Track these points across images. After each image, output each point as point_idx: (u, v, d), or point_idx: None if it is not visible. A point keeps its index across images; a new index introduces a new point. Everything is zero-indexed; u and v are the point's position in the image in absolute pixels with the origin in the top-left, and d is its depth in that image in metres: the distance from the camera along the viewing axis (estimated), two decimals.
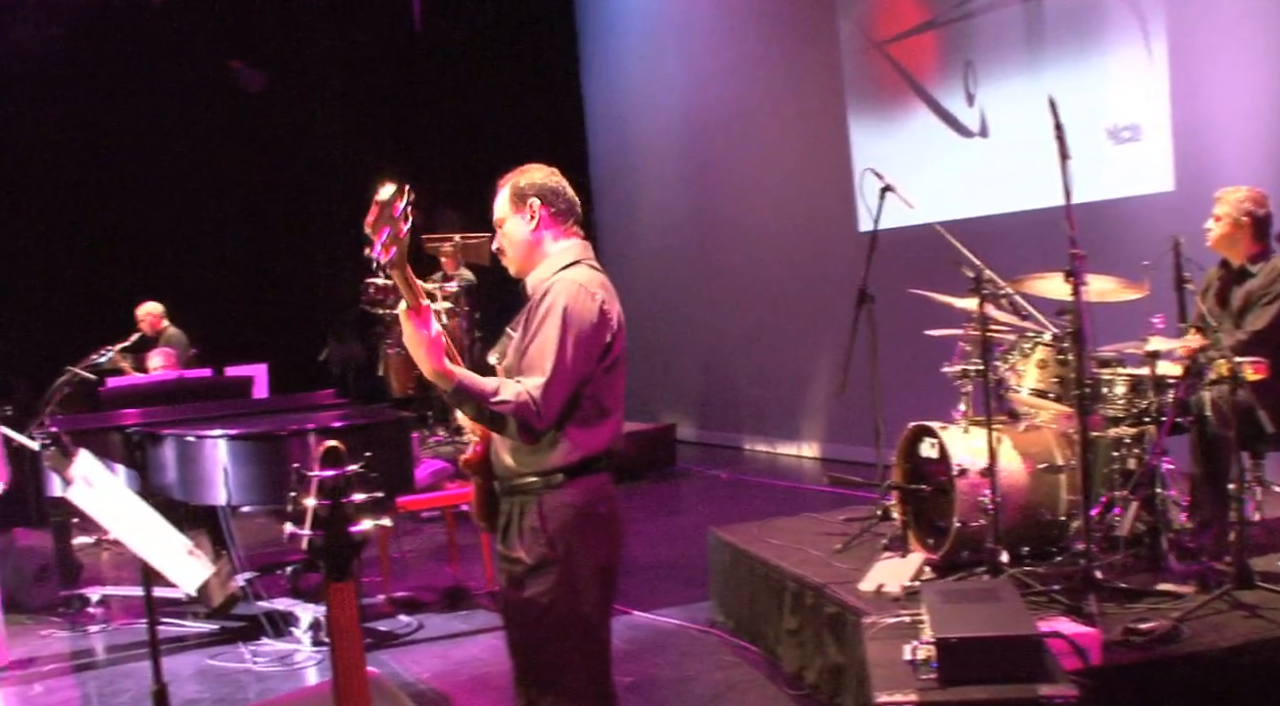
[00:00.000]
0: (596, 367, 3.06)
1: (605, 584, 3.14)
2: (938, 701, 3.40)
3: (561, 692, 3.07)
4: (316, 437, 6.04)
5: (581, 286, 3.08)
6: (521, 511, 3.07)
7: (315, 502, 2.22)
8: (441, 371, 2.94)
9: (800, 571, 5.27)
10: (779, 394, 11.52)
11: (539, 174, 3.27)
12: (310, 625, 6.22)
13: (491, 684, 5.56)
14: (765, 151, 11.54)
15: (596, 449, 3.08)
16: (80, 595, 7.26)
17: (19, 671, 6.25)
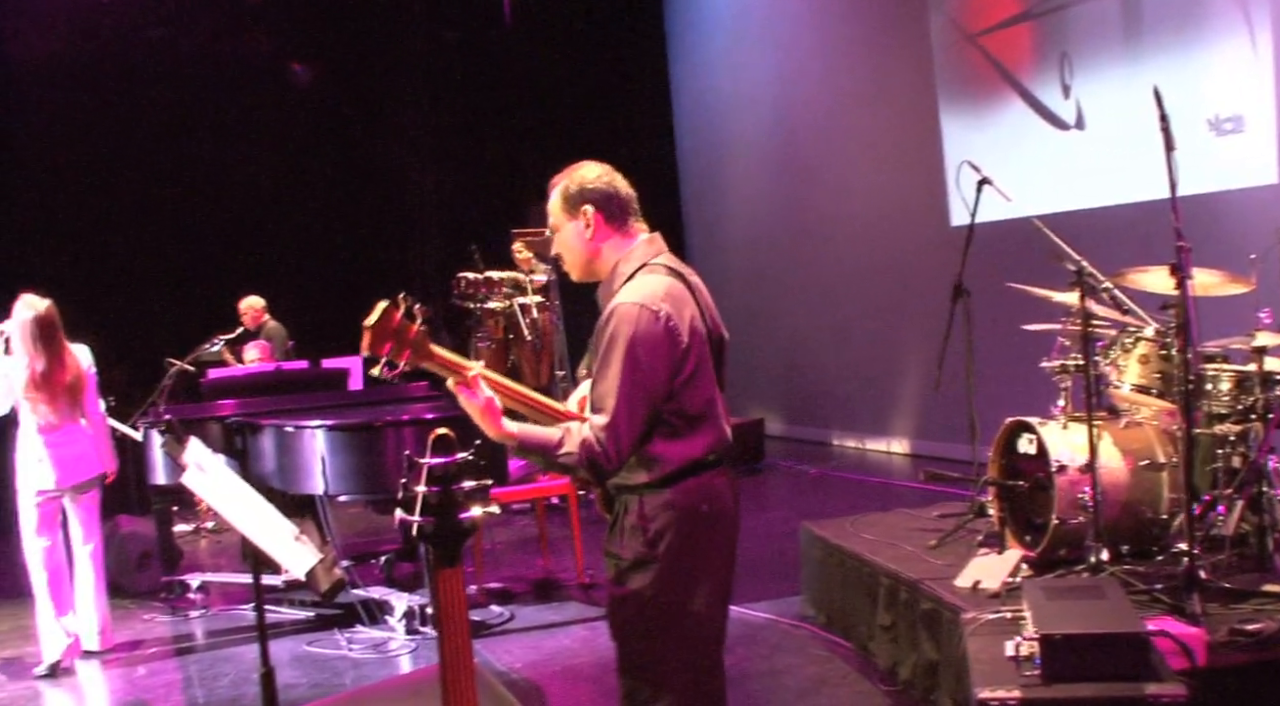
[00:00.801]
0: (673, 384, 2.99)
1: (713, 580, 3.10)
2: (1041, 698, 3.36)
3: (660, 685, 3.06)
4: (412, 429, 6.12)
5: (643, 308, 2.97)
6: (625, 508, 3.07)
7: (426, 489, 2.23)
8: (504, 435, 2.94)
9: (894, 567, 5.23)
10: (868, 389, 11.44)
11: (590, 173, 3.17)
12: (404, 613, 6.30)
13: (583, 674, 5.60)
14: (855, 146, 11.46)
15: (692, 457, 3.02)
16: (181, 581, 7.43)
17: (123, 654, 6.41)
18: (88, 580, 6.34)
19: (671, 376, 2.97)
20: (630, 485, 3.03)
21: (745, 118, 13.40)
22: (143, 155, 12.98)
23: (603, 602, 6.62)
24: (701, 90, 14.30)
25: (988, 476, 5.46)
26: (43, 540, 6.16)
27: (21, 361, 6.12)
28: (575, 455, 2.90)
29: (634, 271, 3.09)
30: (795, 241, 12.45)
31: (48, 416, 6.14)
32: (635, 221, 3.18)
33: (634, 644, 3.09)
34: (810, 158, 12.18)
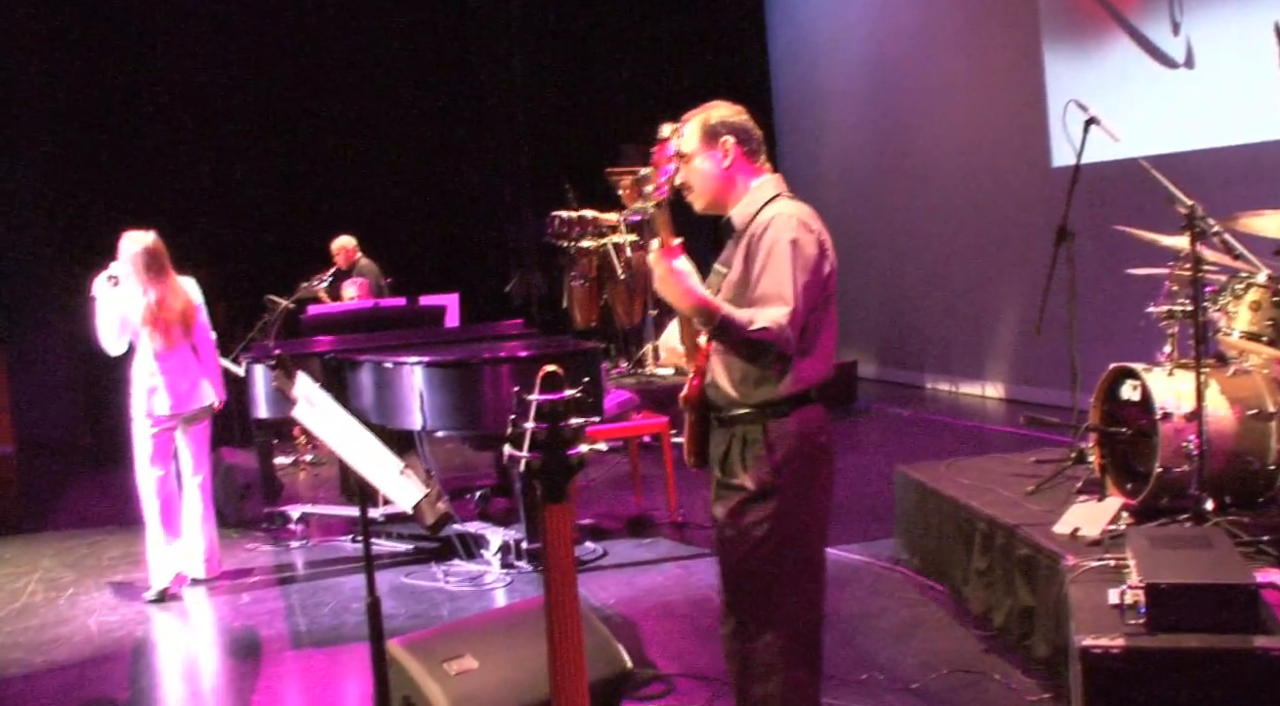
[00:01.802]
0: (818, 298, 3.06)
1: (822, 513, 3.17)
2: (1146, 648, 3.31)
3: (769, 619, 3.09)
4: (509, 366, 6.17)
5: (800, 220, 3.07)
6: (744, 440, 3.09)
7: (534, 426, 2.26)
8: (702, 304, 2.98)
9: (991, 512, 5.19)
10: (963, 332, 11.31)
11: (728, 111, 3.24)
12: (499, 548, 6.39)
13: (676, 612, 5.65)
14: (953, 85, 11.25)
15: (817, 379, 3.11)
16: (282, 512, 7.60)
17: (228, 582, 6.59)
18: (196, 510, 6.51)
19: (819, 289, 3.05)
20: (756, 408, 3.06)
21: (841, 57, 13.21)
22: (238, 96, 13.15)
23: (695, 541, 6.73)
24: (797, 29, 14.09)
25: (1089, 422, 5.37)
26: (156, 469, 6.33)
27: (135, 292, 6.26)
28: (770, 331, 2.94)
29: (771, 198, 3.17)
30: (891, 182, 12.29)
31: (162, 345, 6.29)
32: (764, 160, 3.28)
33: (748, 575, 3.12)
34: (907, 97, 11.98)
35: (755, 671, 3.15)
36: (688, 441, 3.33)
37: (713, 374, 3.19)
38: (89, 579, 6.91)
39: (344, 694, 5.00)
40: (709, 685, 4.64)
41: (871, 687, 4.52)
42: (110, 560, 7.29)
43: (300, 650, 5.44)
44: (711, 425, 3.26)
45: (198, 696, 5.14)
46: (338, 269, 10.38)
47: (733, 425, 3.14)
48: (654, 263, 3.00)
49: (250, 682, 5.08)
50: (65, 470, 11.04)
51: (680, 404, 3.32)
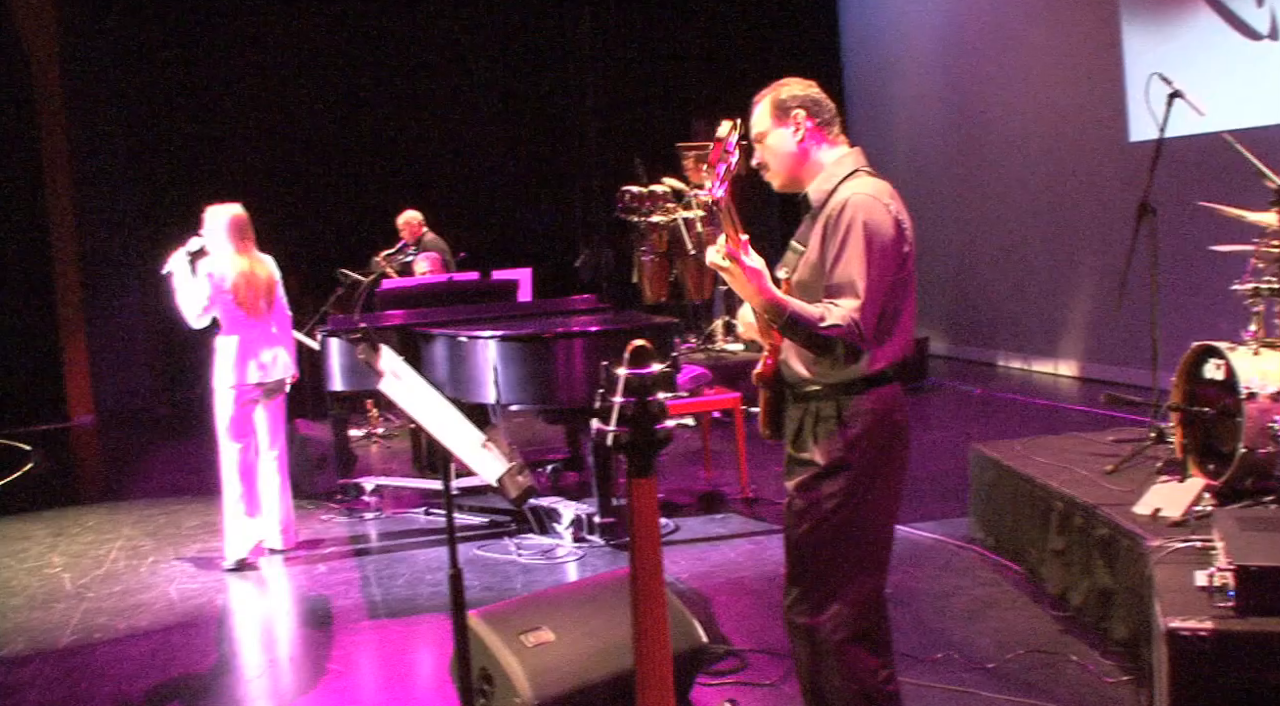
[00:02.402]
0: (896, 279, 3.02)
1: (893, 492, 3.13)
2: (1235, 631, 3.26)
3: (832, 594, 3.08)
4: (581, 341, 6.19)
5: (876, 199, 3.02)
6: (818, 415, 3.07)
7: (622, 400, 2.25)
8: (774, 301, 2.94)
9: (1070, 491, 5.13)
10: (1036, 309, 11.18)
11: (798, 86, 3.21)
12: (571, 522, 6.42)
13: (747, 587, 5.65)
14: (1028, 58, 11.08)
15: (894, 358, 3.07)
16: (356, 484, 7.69)
17: (304, 552, 6.68)
18: (273, 481, 6.60)
19: (897, 270, 3.00)
20: (831, 384, 3.04)
21: (914, 29, 13.06)
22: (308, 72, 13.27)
23: (766, 517, 6.73)
24: (868, 4, 13.95)
25: (1171, 402, 5.28)
26: (238, 441, 6.41)
27: (224, 261, 6.33)
28: (840, 328, 2.91)
29: (848, 175, 3.12)
30: (963, 158, 12.16)
31: (247, 317, 6.36)
32: (840, 133, 3.22)
33: (813, 549, 3.11)
34: (979, 71, 11.83)
35: (815, 645, 3.14)
36: (762, 414, 3.32)
37: (787, 353, 3.17)
38: (168, 547, 7.03)
39: (420, 663, 5.06)
40: (782, 661, 4.63)
41: (947, 666, 4.50)
42: (189, 529, 7.41)
43: (376, 620, 5.51)
44: (786, 399, 3.24)
45: (277, 664, 5.21)
46: (404, 243, 10.45)
47: (807, 400, 3.12)
48: (722, 258, 2.96)
49: (327, 651, 5.16)
50: (143, 440, 11.24)
51: (754, 380, 3.30)
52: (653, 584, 2.45)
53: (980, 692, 4.24)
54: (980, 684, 4.32)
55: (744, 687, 4.45)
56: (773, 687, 4.43)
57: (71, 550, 7.11)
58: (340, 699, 4.69)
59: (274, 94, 13.21)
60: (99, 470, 10.62)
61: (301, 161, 13.31)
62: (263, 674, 5.14)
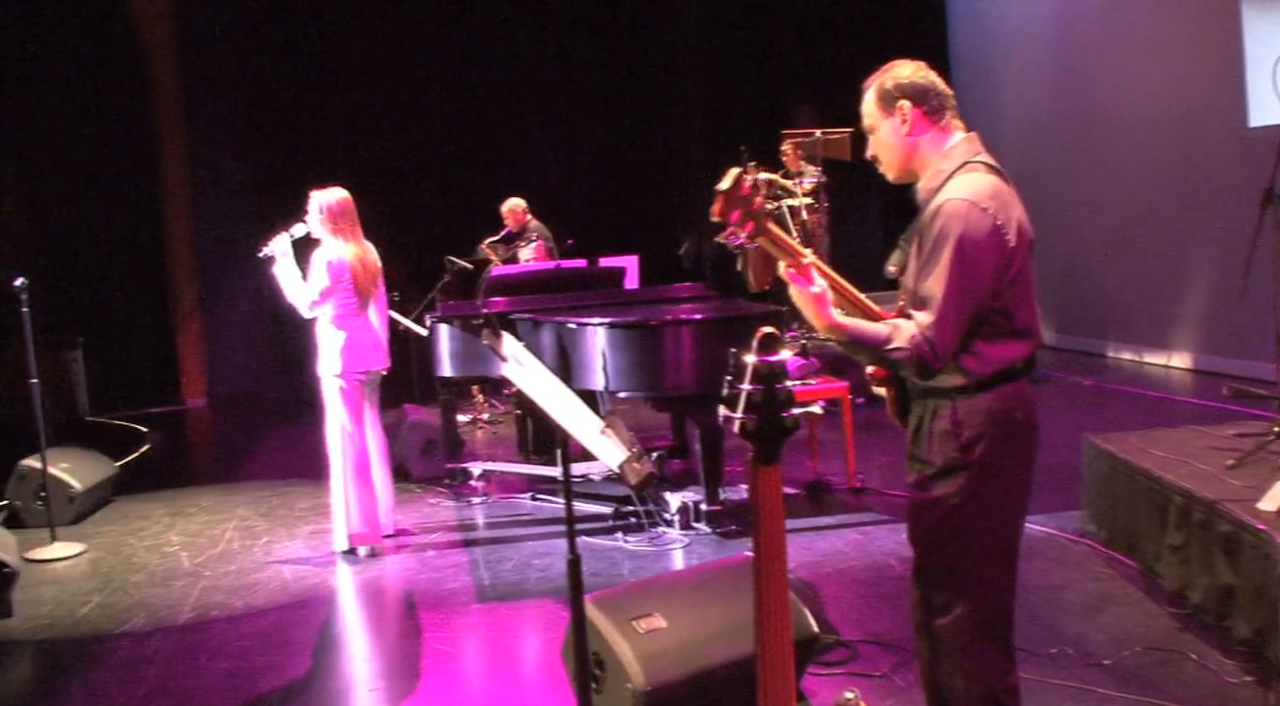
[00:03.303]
0: (999, 284, 2.92)
1: (1019, 491, 3.05)
2: None
3: (957, 594, 3.02)
4: (690, 328, 6.19)
5: (972, 205, 2.89)
6: (934, 413, 3.01)
7: (750, 387, 2.25)
8: (833, 326, 2.88)
9: (1189, 485, 5.01)
10: (1148, 299, 10.93)
11: (905, 71, 3.09)
12: (678, 509, 6.42)
13: (856, 577, 5.61)
14: (1141, 38, 10.82)
15: (1011, 360, 2.96)
16: (463, 469, 7.77)
17: (413, 536, 6.76)
18: (378, 465, 6.67)
19: (998, 276, 2.90)
20: (944, 388, 2.97)
21: (1022, 9, 12.83)
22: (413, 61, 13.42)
23: (873, 507, 6.68)
24: None
25: None
26: (347, 425, 6.44)
27: (340, 248, 6.33)
28: (905, 351, 2.85)
29: (955, 169, 3.01)
30: (1073, 142, 11.92)
31: (359, 303, 6.39)
32: (953, 118, 3.09)
33: (934, 551, 3.06)
34: (1090, 54, 11.58)
35: (942, 645, 3.09)
36: (890, 405, 3.27)
37: None
38: (281, 528, 7.18)
39: (530, 647, 5.12)
40: (892, 652, 4.61)
41: (1062, 662, 4.43)
42: (300, 511, 7.56)
43: (485, 603, 5.57)
44: (910, 392, 3.19)
45: (390, 645, 5.30)
46: (508, 231, 10.53)
47: (924, 397, 3.06)
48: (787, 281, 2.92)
49: (438, 633, 5.22)
50: (253, 423, 11.49)
51: (868, 379, 3.26)
52: (775, 571, 2.45)
53: (1097, 689, 4.17)
54: (1097, 681, 4.25)
55: (854, 678, 4.41)
56: (883, 679, 4.40)
57: (188, 529, 7.29)
58: (451, 680, 4.76)
59: (383, 83, 13.38)
60: (212, 452, 10.88)
61: (409, 149, 13.47)
62: (374, 654, 5.23)
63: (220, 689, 4.76)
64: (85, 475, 7.68)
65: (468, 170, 13.40)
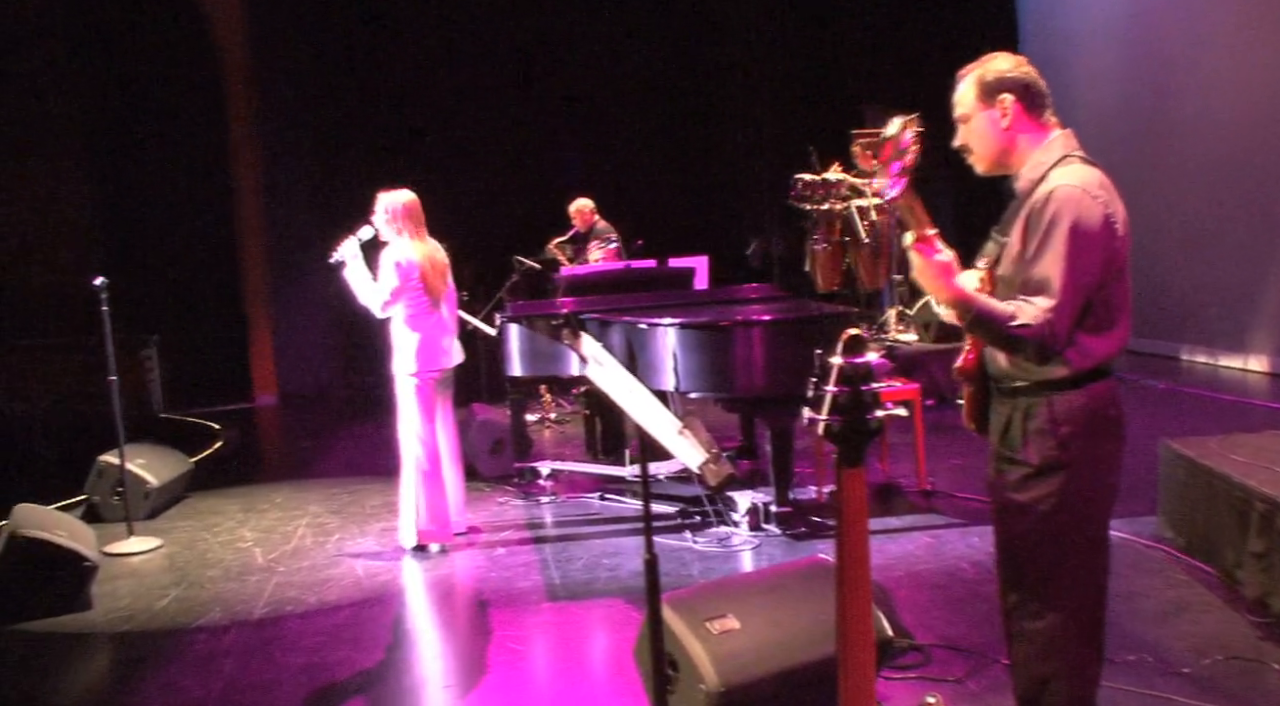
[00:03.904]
0: (1108, 274, 2.92)
1: (1110, 493, 3.03)
2: None
3: (1050, 600, 2.99)
4: (760, 329, 6.17)
5: (1084, 192, 2.90)
6: (1027, 413, 2.97)
7: (835, 389, 2.24)
8: (960, 298, 2.87)
9: (1271, 491, 4.92)
10: (1225, 302, 10.75)
11: (1005, 64, 3.06)
12: (747, 510, 6.41)
13: (928, 581, 5.57)
14: (1216, 31, 10.64)
15: (1109, 354, 2.95)
16: (532, 468, 7.81)
17: (483, 534, 6.80)
18: (450, 463, 6.72)
19: (1106, 265, 2.91)
20: (1038, 384, 2.95)
21: (1094, 9, 12.66)
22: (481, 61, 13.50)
23: (944, 510, 6.63)
24: None
25: None
26: (420, 424, 6.49)
27: (408, 248, 6.38)
28: (1031, 328, 2.82)
29: (1056, 161, 3.00)
30: (1146, 142, 11.75)
31: (430, 302, 6.43)
32: (1051, 115, 3.09)
33: (1032, 552, 3.02)
34: (1166, 46, 11.41)
35: (1037, 650, 3.05)
36: (967, 408, 3.24)
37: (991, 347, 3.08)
38: (352, 525, 7.25)
39: (602, 646, 5.13)
40: (966, 657, 4.57)
41: (1140, 669, 4.37)
42: (371, 508, 7.62)
43: (556, 602, 5.59)
44: (992, 393, 3.16)
45: (461, 642, 5.34)
46: (576, 231, 10.55)
47: (1014, 396, 3.02)
48: (910, 254, 2.90)
49: (510, 631, 5.25)
50: (323, 421, 11.62)
51: (955, 375, 3.23)
52: (859, 573, 2.43)
53: (1177, 698, 4.10)
54: (1177, 689, 4.18)
55: (928, 683, 4.38)
56: (957, 684, 4.36)
57: (261, 525, 7.38)
58: (522, 678, 4.78)
59: (451, 82, 13.49)
60: (283, 449, 11.01)
61: (477, 148, 13.56)
62: (446, 651, 5.26)
63: (295, 683, 4.81)
64: (161, 471, 7.80)
65: (535, 170, 13.46)
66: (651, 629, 3.25)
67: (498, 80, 13.69)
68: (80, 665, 5.34)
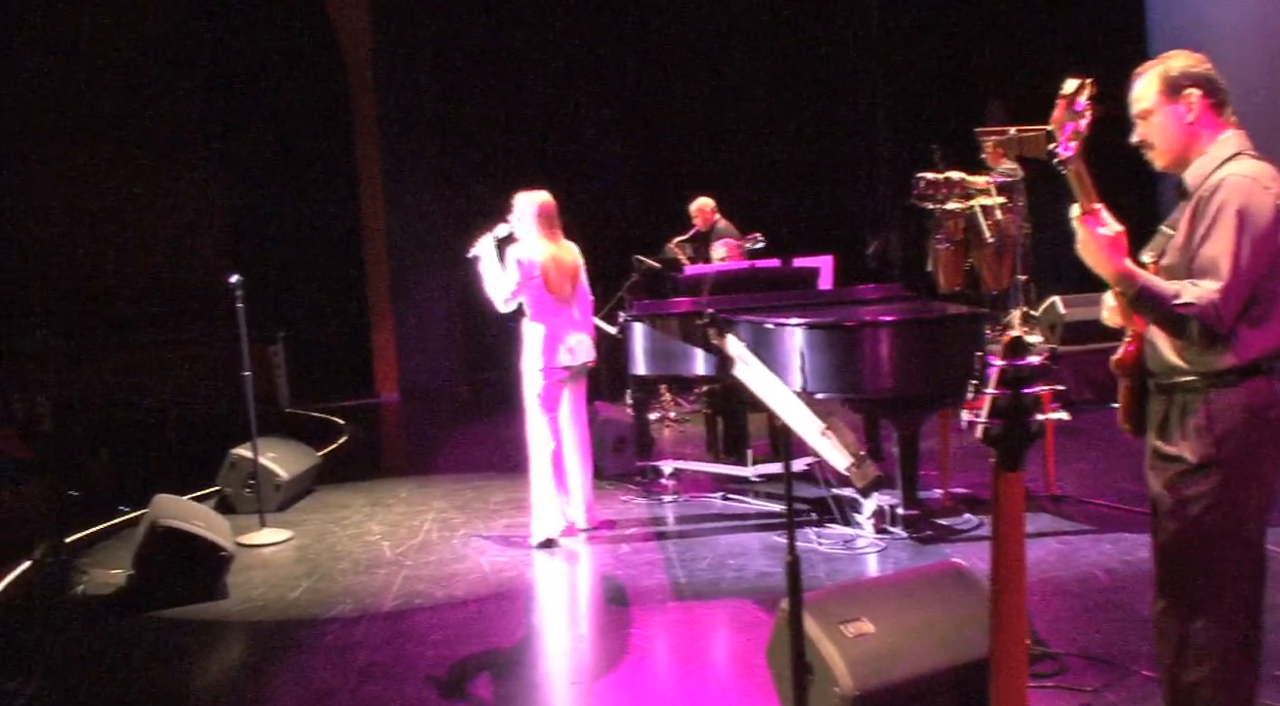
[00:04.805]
0: (1276, 264, 2.86)
1: (1267, 496, 2.96)
2: None
3: (1203, 603, 2.92)
4: (888, 330, 6.11)
5: (1254, 181, 2.87)
6: (1184, 409, 2.93)
7: (995, 392, 2.21)
8: (1124, 273, 2.84)
9: None
10: None
11: (1188, 60, 3.05)
12: (873, 513, 6.34)
13: (1061, 588, 5.45)
14: None
15: (1267, 349, 2.90)
16: (654, 466, 7.81)
17: (607, 531, 6.83)
18: (575, 461, 6.76)
19: (1275, 254, 2.86)
20: (1197, 377, 2.90)
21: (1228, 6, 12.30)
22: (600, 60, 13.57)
23: (1074, 516, 6.48)
24: None
25: None
26: (545, 420, 6.56)
27: (533, 246, 6.48)
28: (1194, 307, 2.80)
29: (1229, 157, 2.98)
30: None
31: (555, 300, 6.50)
32: (1230, 113, 3.06)
33: (1184, 553, 2.96)
34: None
35: (1187, 655, 2.98)
36: (1122, 406, 3.18)
37: (1154, 337, 3.02)
38: (478, 521, 7.32)
39: (730, 647, 5.12)
40: (1102, 667, 4.46)
41: None
42: (495, 504, 7.69)
43: (682, 601, 5.58)
44: (1149, 391, 3.10)
45: (588, 639, 5.36)
46: (696, 230, 10.54)
47: (1172, 392, 2.97)
48: (1075, 225, 2.87)
49: (637, 629, 5.26)
50: (444, 417, 11.77)
51: (1113, 368, 3.17)
52: (1014, 578, 2.41)
53: None
54: None
55: (1063, 692, 4.29)
56: (1094, 694, 4.26)
57: (388, 519, 7.49)
58: (650, 677, 4.79)
59: (571, 81, 13.58)
60: (406, 444, 11.18)
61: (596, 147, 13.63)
62: (573, 648, 5.29)
63: (425, 675, 4.87)
64: (291, 464, 7.96)
65: (655, 169, 13.50)
66: (793, 632, 3.23)
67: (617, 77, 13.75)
68: (218, 652, 5.48)
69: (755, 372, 2.95)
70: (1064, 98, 2.76)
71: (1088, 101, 2.76)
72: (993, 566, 2.37)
